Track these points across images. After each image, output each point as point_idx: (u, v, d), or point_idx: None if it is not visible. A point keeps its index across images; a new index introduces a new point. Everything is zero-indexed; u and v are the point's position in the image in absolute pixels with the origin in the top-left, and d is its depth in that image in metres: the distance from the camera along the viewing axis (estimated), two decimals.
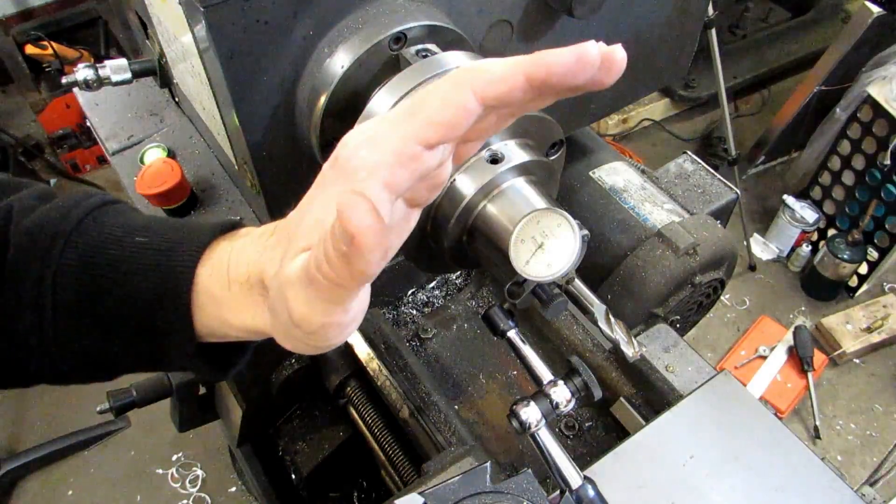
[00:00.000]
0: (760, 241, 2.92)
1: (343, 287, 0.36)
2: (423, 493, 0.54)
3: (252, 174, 0.78)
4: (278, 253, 0.42)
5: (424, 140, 0.35)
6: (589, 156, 1.05)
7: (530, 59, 0.34)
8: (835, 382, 2.55)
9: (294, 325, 0.40)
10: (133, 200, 0.97)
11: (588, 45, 0.33)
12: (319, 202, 0.38)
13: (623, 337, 0.56)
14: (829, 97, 2.68)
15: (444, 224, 0.57)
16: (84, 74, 0.80)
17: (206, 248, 0.47)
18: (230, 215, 0.93)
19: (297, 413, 1.12)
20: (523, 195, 0.55)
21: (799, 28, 3.44)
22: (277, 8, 0.58)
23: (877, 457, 2.32)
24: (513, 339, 0.56)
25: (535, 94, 0.35)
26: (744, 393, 0.78)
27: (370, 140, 0.35)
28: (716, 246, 0.89)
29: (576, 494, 0.51)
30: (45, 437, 2.39)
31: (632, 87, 0.96)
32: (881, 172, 2.49)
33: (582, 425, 0.94)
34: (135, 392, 1.04)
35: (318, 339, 0.41)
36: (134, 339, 0.48)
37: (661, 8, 0.86)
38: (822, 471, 0.70)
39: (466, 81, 0.34)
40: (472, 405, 0.97)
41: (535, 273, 0.51)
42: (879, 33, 2.47)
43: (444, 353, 1.02)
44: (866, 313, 2.63)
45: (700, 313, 1.01)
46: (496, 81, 0.34)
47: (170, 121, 1.05)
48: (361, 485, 1.17)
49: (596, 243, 0.95)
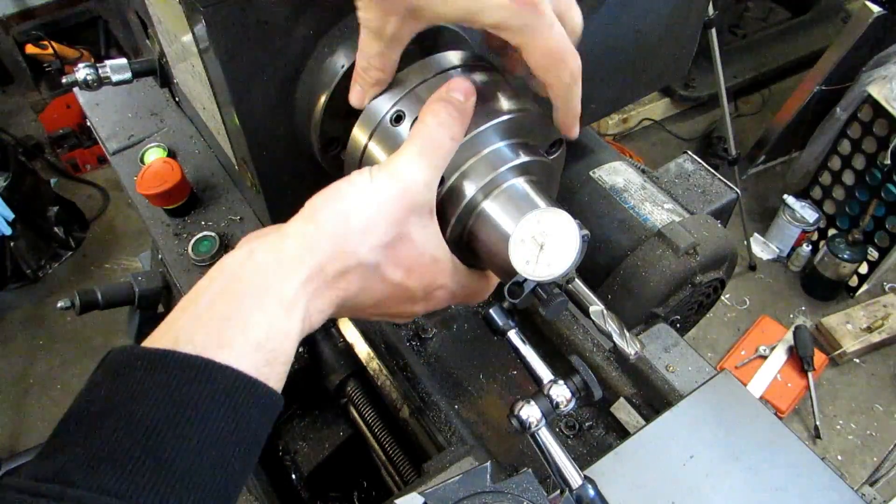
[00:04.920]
0: (760, 241, 2.92)
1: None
2: (424, 492, 0.54)
3: (252, 174, 0.78)
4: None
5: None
6: (589, 156, 1.05)
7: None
8: (835, 382, 2.55)
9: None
10: (133, 200, 0.97)
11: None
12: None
13: (623, 337, 0.56)
14: (829, 97, 2.68)
15: (445, 224, 0.57)
16: (84, 74, 0.80)
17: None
18: (230, 215, 0.93)
19: (297, 413, 1.12)
20: (523, 195, 0.55)
21: (799, 28, 3.44)
22: (277, 8, 0.58)
23: (877, 456, 2.32)
24: (513, 339, 0.56)
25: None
26: (744, 393, 0.78)
27: None
28: (716, 246, 0.89)
29: (576, 494, 0.51)
30: (45, 437, 2.38)
31: (632, 87, 0.96)
32: (881, 172, 2.49)
33: (582, 425, 0.94)
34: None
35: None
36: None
37: (662, 8, 0.86)
38: (823, 471, 0.70)
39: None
40: (472, 405, 0.97)
41: (535, 273, 0.51)
42: (879, 33, 2.47)
43: (444, 352, 1.02)
44: (866, 313, 2.63)
45: (700, 313, 1.01)
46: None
47: (170, 121, 1.05)
48: (361, 485, 1.17)
49: (596, 243, 0.95)
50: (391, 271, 0.52)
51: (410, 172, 0.50)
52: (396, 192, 0.49)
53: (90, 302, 1.05)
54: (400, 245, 0.51)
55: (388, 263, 0.51)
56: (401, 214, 0.50)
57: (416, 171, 0.50)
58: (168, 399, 0.40)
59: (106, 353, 0.44)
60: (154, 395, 0.40)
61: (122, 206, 3.18)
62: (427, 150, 0.51)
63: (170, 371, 0.41)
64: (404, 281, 0.53)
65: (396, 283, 0.53)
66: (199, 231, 0.91)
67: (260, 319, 0.44)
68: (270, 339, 0.44)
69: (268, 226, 0.62)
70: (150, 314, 1.15)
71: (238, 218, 0.92)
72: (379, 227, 0.49)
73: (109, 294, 1.07)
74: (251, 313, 0.44)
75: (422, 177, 0.50)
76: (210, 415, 0.41)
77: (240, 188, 0.95)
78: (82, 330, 2.73)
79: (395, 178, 0.50)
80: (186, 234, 0.91)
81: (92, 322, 2.66)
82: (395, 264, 0.52)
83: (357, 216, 0.48)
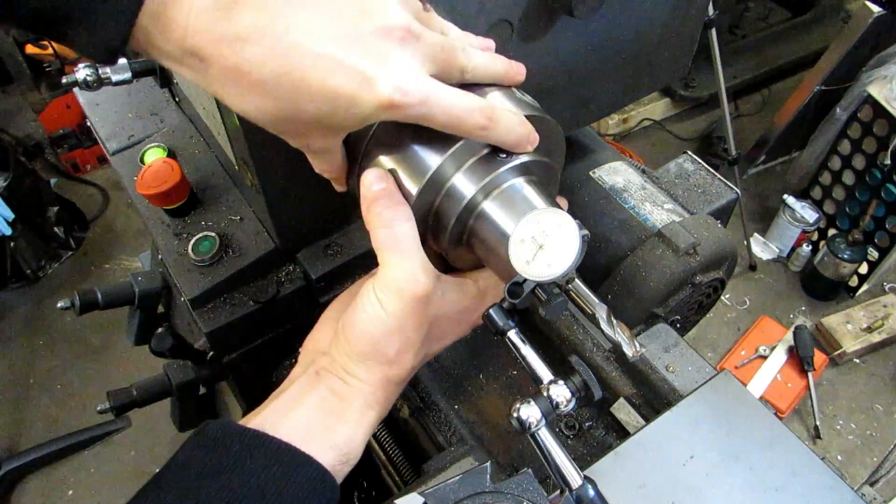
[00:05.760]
0: (761, 241, 2.92)
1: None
2: (423, 493, 0.54)
3: (252, 174, 0.78)
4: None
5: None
6: (589, 156, 1.05)
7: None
8: (835, 382, 2.56)
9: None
10: (133, 200, 0.97)
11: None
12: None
13: (623, 337, 0.56)
14: (829, 97, 2.68)
15: (444, 224, 0.57)
16: (84, 74, 0.80)
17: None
18: (230, 215, 0.93)
19: None
20: (523, 195, 0.55)
21: (799, 28, 3.44)
22: None
23: (877, 456, 2.32)
24: (513, 339, 0.55)
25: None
26: (744, 393, 0.78)
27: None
28: (716, 246, 0.89)
29: (576, 494, 0.51)
30: (45, 437, 2.39)
31: (632, 87, 0.96)
32: (881, 172, 2.49)
33: (582, 425, 0.94)
34: (135, 391, 1.04)
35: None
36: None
37: (662, 8, 0.86)
38: (823, 471, 0.70)
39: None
40: (472, 405, 0.97)
41: (535, 273, 0.51)
42: (879, 33, 2.47)
43: (444, 353, 1.02)
44: (866, 313, 2.63)
45: (700, 313, 1.01)
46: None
47: (170, 121, 1.05)
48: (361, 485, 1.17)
49: (596, 243, 0.95)
50: (437, 346, 0.61)
51: (406, 279, 0.54)
52: (407, 304, 0.54)
53: (90, 302, 1.05)
54: (434, 329, 0.58)
55: (431, 347, 0.60)
56: (421, 316, 0.55)
57: (408, 273, 0.54)
58: (259, 476, 0.47)
59: (203, 424, 0.51)
60: (248, 468, 0.47)
61: (122, 206, 3.18)
62: (399, 246, 0.54)
63: (265, 452, 0.49)
64: (451, 339, 0.62)
65: (446, 344, 0.62)
66: (199, 231, 0.91)
67: (340, 428, 0.54)
68: (348, 443, 0.54)
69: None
70: (150, 314, 1.14)
71: (238, 218, 0.92)
72: (412, 341, 0.56)
73: (109, 294, 1.07)
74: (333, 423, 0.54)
75: (416, 272, 0.54)
76: (291, 498, 0.48)
77: (240, 188, 0.95)
78: (82, 330, 2.73)
79: (400, 294, 0.54)
80: (186, 234, 0.91)
81: (92, 322, 2.66)
82: (437, 340, 0.60)
83: (390, 345, 0.55)
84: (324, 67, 0.43)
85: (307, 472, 0.50)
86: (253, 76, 0.44)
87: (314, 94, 0.44)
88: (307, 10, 0.43)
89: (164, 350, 1.01)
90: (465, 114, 0.49)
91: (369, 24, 0.45)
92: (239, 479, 0.47)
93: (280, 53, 0.43)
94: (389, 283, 0.54)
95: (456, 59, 0.51)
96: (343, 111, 0.46)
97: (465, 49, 0.52)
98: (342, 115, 0.46)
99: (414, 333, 0.56)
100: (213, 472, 0.47)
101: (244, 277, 0.89)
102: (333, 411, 0.55)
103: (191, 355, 1.05)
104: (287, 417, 0.54)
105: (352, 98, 0.45)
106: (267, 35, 0.43)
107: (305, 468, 0.50)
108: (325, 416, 0.54)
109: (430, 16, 0.53)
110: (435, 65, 0.49)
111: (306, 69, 0.43)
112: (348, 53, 0.44)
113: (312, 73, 0.43)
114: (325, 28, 0.43)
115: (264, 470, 0.48)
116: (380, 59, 0.45)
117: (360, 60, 0.44)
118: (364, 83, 0.44)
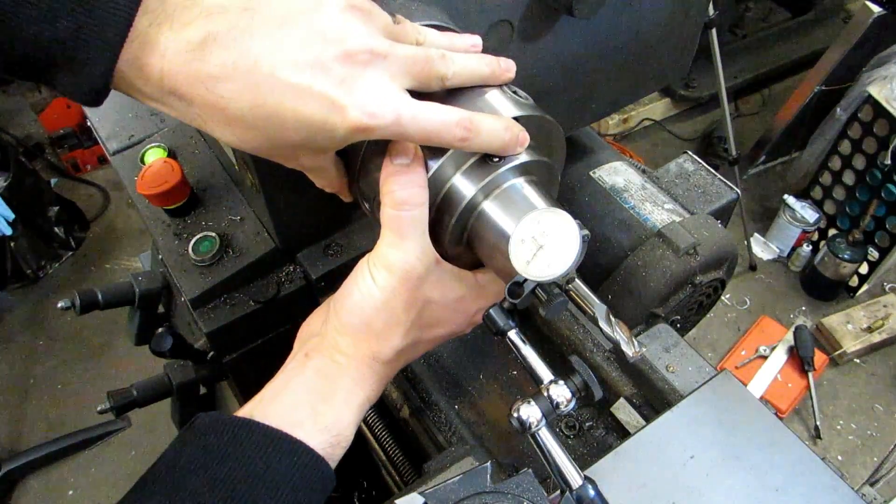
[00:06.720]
0: (761, 241, 2.92)
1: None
2: (424, 493, 0.54)
3: (252, 174, 0.78)
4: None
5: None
6: (589, 156, 1.05)
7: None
8: (835, 382, 2.55)
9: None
10: (133, 200, 0.97)
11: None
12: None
13: (623, 337, 0.56)
14: (829, 97, 2.68)
15: (445, 224, 0.57)
16: None
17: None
18: (230, 215, 0.93)
19: None
20: (523, 195, 0.55)
21: (799, 28, 3.44)
22: None
23: (877, 457, 2.32)
24: (513, 339, 0.55)
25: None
26: (744, 393, 0.78)
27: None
28: (716, 246, 0.89)
29: (576, 494, 0.51)
30: (45, 437, 2.39)
31: (632, 87, 0.96)
32: (882, 172, 2.49)
33: (582, 425, 0.94)
34: (135, 392, 1.04)
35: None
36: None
37: (661, 8, 0.86)
38: (823, 471, 0.70)
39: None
40: (472, 405, 0.97)
41: (535, 273, 0.51)
42: (880, 33, 2.47)
43: (443, 352, 1.02)
44: (867, 313, 2.63)
45: (700, 313, 1.01)
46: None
47: (170, 121, 1.05)
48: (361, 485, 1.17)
49: (596, 243, 0.95)
50: (430, 334, 0.60)
51: (401, 259, 0.54)
52: (398, 282, 0.54)
53: (90, 302, 1.05)
54: (425, 313, 0.57)
55: (423, 333, 0.59)
56: (411, 295, 0.55)
57: (405, 254, 0.54)
58: (247, 464, 0.48)
59: (193, 418, 0.51)
60: (236, 457, 0.48)
61: (122, 206, 3.18)
62: (403, 228, 0.54)
63: (252, 439, 0.49)
64: (446, 330, 0.61)
65: (441, 335, 0.61)
66: (200, 231, 0.91)
67: (327, 410, 0.54)
68: (336, 424, 0.54)
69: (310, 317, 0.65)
70: (150, 314, 1.14)
71: (238, 218, 0.92)
72: (399, 319, 0.56)
73: (109, 294, 1.06)
74: (319, 406, 0.54)
75: (413, 254, 0.54)
76: (282, 483, 0.48)
77: (240, 188, 0.95)
78: (82, 330, 2.73)
79: (392, 271, 0.54)
80: (186, 234, 0.91)
81: (92, 322, 2.66)
82: (430, 326, 0.59)
83: (377, 319, 0.55)
84: (294, 97, 0.45)
85: (297, 457, 0.50)
86: (231, 111, 0.45)
87: (289, 123, 0.46)
88: (274, 43, 0.45)
89: (164, 350, 1.01)
90: (441, 128, 0.49)
91: (332, 51, 0.46)
92: (226, 470, 0.47)
93: (252, 87, 0.44)
94: (383, 260, 0.55)
95: (433, 69, 0.51)
96: (320, 136, 0.47)
97: (445, 55, 0.52)
98: (320, 139, 0.48)
99: (403, 311, 0.56)
100: (201, 465, 0.47)
101: (244, 277, 0.89)
102: (320, 393, 0.54)
103: (191, 355, 1.05)
104: (275, 403, 0.54)
105: (323, 124, 0.46)
106: (238, 70, 0.44)
107: (294, 453, 0.50)
108: (312, 399, 0.54)
109: (403, 28, 0.53)
110: (410, 78, 0.49)
111: (278, 99, 0.45)
112: (316, 81, 0.45)
113: (284, 102, 0.45)
114: (292, 59, 0.45)
115: (252, 458, 0.48)
116: (345, 85, 0.46)
117: (329, 88, 0.45)
118: (333, 109, 0.46)
